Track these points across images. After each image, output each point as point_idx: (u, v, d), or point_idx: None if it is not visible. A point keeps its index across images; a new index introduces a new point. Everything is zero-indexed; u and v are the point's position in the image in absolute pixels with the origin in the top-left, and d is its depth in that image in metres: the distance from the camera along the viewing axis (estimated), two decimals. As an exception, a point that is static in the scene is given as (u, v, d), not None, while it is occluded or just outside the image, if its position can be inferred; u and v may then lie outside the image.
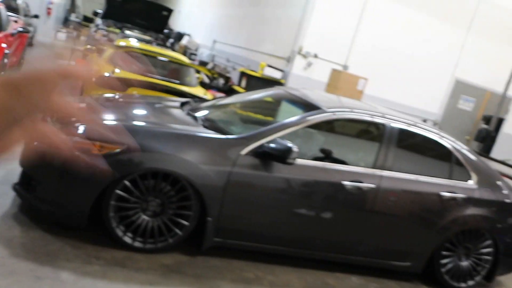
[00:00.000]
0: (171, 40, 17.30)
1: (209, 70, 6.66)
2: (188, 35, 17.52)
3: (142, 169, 3.09)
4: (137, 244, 3.24)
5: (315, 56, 9.76)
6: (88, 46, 7.44)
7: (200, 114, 3.90)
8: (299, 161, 3.40)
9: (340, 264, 3.91)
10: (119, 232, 3.18)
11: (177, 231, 3.28)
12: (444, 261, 4.04)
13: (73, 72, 0.55)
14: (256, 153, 3.31)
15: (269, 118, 4.21)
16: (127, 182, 3.09)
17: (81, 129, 3.08)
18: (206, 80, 9.62)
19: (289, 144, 3.24)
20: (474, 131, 11.55)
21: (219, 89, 9.34)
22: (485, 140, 10.65)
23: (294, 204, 3.50)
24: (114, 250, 3.21)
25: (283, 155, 3.23)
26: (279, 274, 3.61)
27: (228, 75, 11.02)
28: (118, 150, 3.02)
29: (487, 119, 11.07)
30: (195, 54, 16.23)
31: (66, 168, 2.99)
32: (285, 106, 4.35)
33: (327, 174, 3.57)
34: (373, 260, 3.92)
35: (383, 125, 3.87)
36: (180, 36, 18.05)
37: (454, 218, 3.91)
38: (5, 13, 7.76)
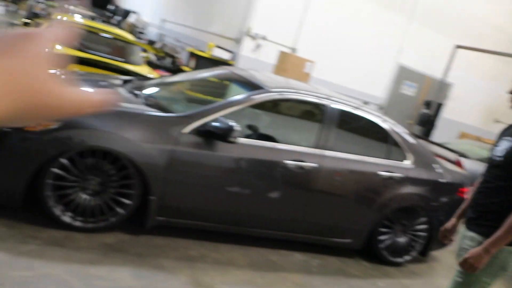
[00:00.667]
0: (117, 18, 16.71)
1: (155, 49, 6.49)
2: (136, 13, 16.97)
3: (79, 147, 3.00)
4: (77, 223, 3.15)
5: (264, 38, 9.76)
6: (26, 20, 7.05)
7: (142, 92, 3.81)
8: (242, 140, 3.41)
9: (284, 242, 4.00)
10: (57, 212, 3.08)
11: (119, 210, 3.22)
12: (382, 237, 4.22)
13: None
14: (198, 131, 3.29)
15: (214, 97, 4.18)
16: (64, 160, 2.98)
17: None
18: (154, 59, 9.41)
19: (231, 123, 3.24)
20: (416, 115, 12.05)
21: (167, 69, 9.16)
22: (426, 124, 11.14)
23: (236, 183, 3.52)
24: (52, 230, 3.11)
25: (225, 134, 3.22)
26: (224, 251, 3.64)
27: (177, 55, 10.81)
28: (54, 126, 2.90)
29: (427, 104, 11.57)
30: (143, 33, 15.78)
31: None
32: (230, 86, 4.33)
33: (270, 153, 3.60)
34: (315, 237, 4.03)
35: (325, 106, 3.94)
36: (127, 13, 17.47)
37: (391, 196, 4.09)
38: None
